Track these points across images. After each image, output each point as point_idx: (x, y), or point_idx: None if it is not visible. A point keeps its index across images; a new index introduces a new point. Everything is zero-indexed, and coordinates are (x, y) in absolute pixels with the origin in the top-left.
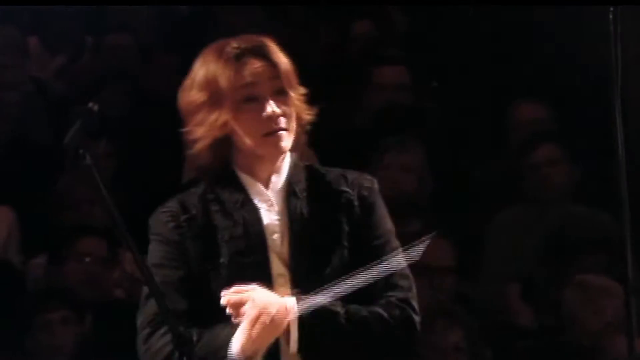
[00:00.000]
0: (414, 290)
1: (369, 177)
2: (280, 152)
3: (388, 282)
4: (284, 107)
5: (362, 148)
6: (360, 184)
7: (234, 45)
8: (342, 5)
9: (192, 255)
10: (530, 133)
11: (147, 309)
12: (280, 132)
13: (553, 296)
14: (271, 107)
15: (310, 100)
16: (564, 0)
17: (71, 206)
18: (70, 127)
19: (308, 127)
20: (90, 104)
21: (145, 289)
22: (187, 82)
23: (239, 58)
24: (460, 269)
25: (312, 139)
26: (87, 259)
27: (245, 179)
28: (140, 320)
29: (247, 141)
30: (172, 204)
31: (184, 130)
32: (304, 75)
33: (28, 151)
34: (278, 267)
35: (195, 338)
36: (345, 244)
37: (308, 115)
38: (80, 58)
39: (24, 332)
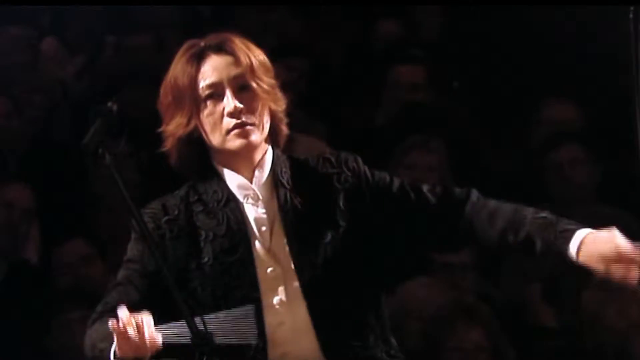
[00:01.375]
0: None
1: (350, 155)
2: (249, 146)
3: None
4: (247, 102)
5: (383, 147)
6: (345, 160)
7: (199, 44)
8: (365, 5)
9: (173, 256)
10: (553, 133)
11: (108, 298)
12: (245, 127)
13: (574, 296)
14: (232, 102)
15: (331, 99)
16: (585, 0)
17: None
18: (90, 127)
19: (284, 119)
20: (110, 104)
21: (113, 281)
22: (162, 83)
23: (200, 56)
24: (481, 268)
25: (333, 138)
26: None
27: (228, 174)
28: (100, 304)
29: (213, 139)
30: (154, 205)
31: (159, 130)
32: (325, 74)
33: (50, 151)
34: (267, 262)
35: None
36: (342, 223)
37: (279, 106)
38: (100, 58)
39: (43, 331)
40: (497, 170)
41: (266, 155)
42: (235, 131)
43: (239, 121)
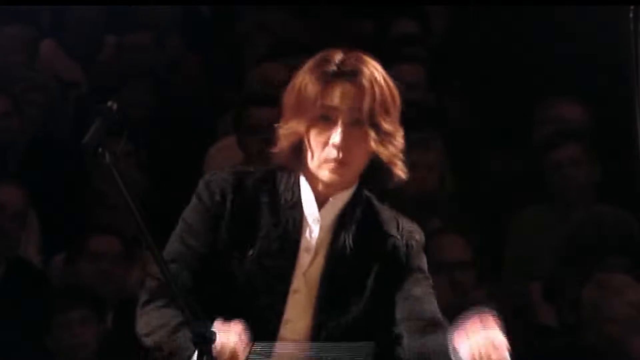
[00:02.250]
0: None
1: (419, 228)
2: (337, 182)
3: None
4: (355, 140)
5: None
6: (410, 233)
7: (335, 61)
8: (365, 4)
9: (222, 237)
10: (553, 132)
11: (152, 283)
12: (343, 165)
13: (574, 295)
14: (339, 136)
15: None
16: (585, 0)
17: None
18: (90, 125)
19: (397, 163)
20: (110, 103)
21: (165, 253)
22: (292, 77)
23: (334, 77)
24: (481, 267)
25: None
26: (100, 258)
27: (305, 187)
28: (146, 286)
29: (310, 159)
30: (227, 176)
31: (276, 125)
32: None
33: (49, 150)
34: (298, 282)
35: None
36: (368, 294)
37: (389, 150)
38: (99, 57)
39: (44, 331)
40: (497, 170)
41: (348, 191)
42: (331, 164)
43: (333, 156)
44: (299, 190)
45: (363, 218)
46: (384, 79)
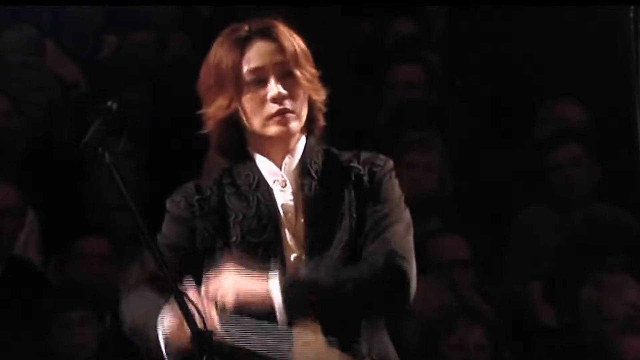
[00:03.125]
0: (412, 270)
1: (383, 157)
2: (287, 133)
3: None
4: (290, 89)
5: (382, 147)
6: (373, 162)
7: (244, 28)
8: (365, 4)
9: (201, 234)
10: (553, 132)
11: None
12: (286, 114)
13: (575, 295)
14: (276, 88)
15: (330, 97)
16: (585, 0)
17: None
18: (90, 126)
19: (323, 109)
20: (110, 102)
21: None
22: (203, 65)
23: (246, 41)
24: (481, 267)
25: (332, 137)
26: (90, 260)
27: (260, 159)
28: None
29: (253, 123)
30: (187, 185)
31: (199, 112)
32: (326, 73)
33: (49, 150)
34: (292, 247)
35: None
36: (354, 215)
37: (319, 96)
38: (98, 57)
39: (43, 331)
40: (497, 170)
41: (299, 143)
42: (276, 118)
43: (281, 107)
44: (256, 166)
45: (326, 164)
46: (293, 33)
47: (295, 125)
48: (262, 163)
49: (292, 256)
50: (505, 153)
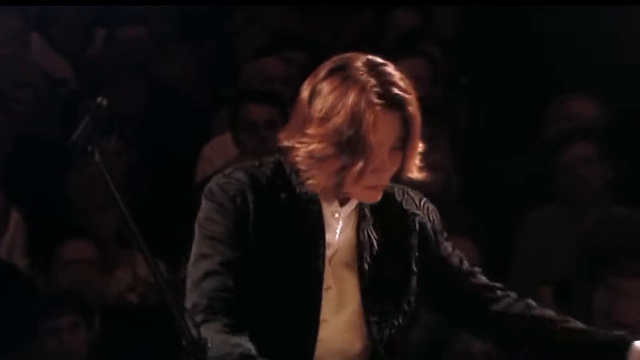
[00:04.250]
0: None
1: (431, 204)
2: (368, 201)
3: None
4: (396, 161)
5: None
6: (428, 206)
7: (378, 92)
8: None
9: (249, 240)
10: (564, 130)
11: (203, 290)
12: (378, 188)
13: (587, 301)
14: (386, 162)
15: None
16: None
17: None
18: (79, 123)
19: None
20: (99, 99)
21: (201, 268)
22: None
23: (383, 109)
24: (488, 271)
25: None
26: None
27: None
28: (194, 301)
29: (350, 180)
30: (241, 176)
31: (306, 131)
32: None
33: (36, 149)
34: (327, 279)
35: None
36: (415, 269)
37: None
38: (88, 51)
39: (30, 337)
40: (506, 170)
41: None
42: (376, 190)
43: (379, 183)
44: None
45: (380, 203)
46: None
47: (380, 195)
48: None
49: (326, 290)
50: (515, 152)
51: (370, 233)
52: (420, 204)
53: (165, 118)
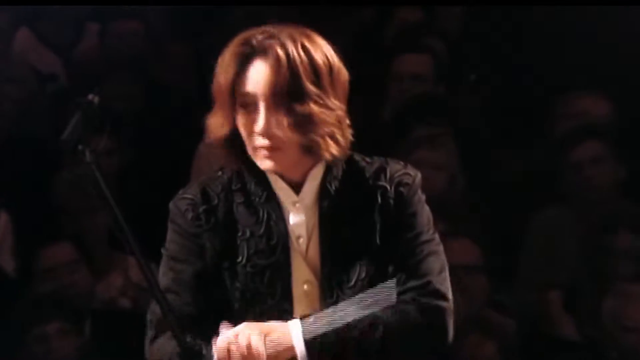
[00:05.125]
0: (445, 273)
1: (411, 171)
2: (278, 169)
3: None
4: (275, 124)
5: (387, 144)
6: (401, 179)
7: (251, 41)
8: None
9: (209, 251)
10: (572, 129)
11: (156, 308)
12: (273, 150)
13: (596, 305)
14: (261, 121)
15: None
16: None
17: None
18: (69, 121)
19: (349, 130)
20: (91, 96)
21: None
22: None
23: (247, 58)
24: (493, 274)
25: None
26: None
27: (273, 177)
28: (149, 318)
29: (248, 149)
30: (193, 191)
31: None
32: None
33: (24, 148)
34: (303, 273)
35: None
36: (378, 242)
37: (304, 142)
38: (79, 46)
39: (17, 343)
40: (512, 169)
41: (317, 166)
42: (263, 152)
43: (262, 143)
44: (268, 181)
45: (347, 178)
46: (306, 51)
47: (274, 163)
48: (276, 181)
49: (305, 286)
50: (521, 150)
51: (333, 208)
52: (387, 175)
53: (160, 116)
